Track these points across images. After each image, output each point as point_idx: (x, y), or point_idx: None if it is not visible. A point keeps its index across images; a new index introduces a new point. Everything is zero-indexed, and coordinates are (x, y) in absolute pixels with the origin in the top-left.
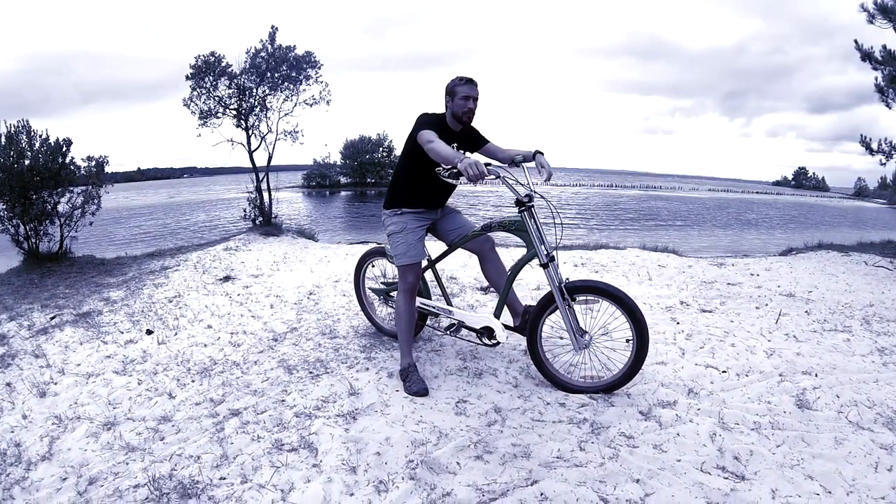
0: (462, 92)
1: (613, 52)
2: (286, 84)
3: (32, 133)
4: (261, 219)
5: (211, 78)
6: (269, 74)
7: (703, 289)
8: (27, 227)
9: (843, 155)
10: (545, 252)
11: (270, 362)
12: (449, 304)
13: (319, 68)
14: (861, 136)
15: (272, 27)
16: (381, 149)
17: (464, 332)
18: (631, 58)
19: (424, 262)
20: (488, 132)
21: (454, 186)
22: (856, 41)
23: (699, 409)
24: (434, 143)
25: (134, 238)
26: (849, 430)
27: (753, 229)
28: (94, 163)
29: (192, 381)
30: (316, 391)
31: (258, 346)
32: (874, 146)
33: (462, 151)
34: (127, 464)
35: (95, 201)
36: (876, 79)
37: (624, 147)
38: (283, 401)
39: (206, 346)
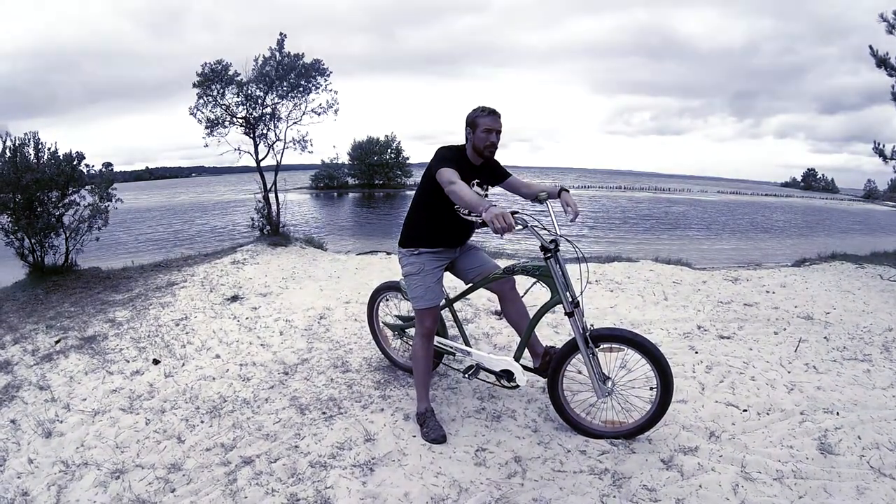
0: (484, 124)
1: (622, 51)
2: (295, 92)
3: (40, 146)
4: (268, 228)
5: (218, 86)
6: (277, 83)
7: (720, 310)
8: (32, 241)
9: (852, 156)
10: (570, 299)
11: (282, 400)
12: (467, 343)
13: (328, 76)
14: (875, 143)
15: (280, 34)
16: (389, 150)
17: (482, 373)
18: (640, 58)
19: (442, 302)
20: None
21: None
22: (871, 47)
23: (721, 456)
24: (456, 185)
25: (140, 245)
26: (871, 477)
27: (766, 235)
28: (102, 174)
29: (202, 422)
30: (330, 436)
31: (268, 381)
32: (888, 153)
33: (485, 193)
34: None
35: (103, 217)
36: (892, 87)
37: (632, 147)
38: (296, 447)
39: (214, 379)
